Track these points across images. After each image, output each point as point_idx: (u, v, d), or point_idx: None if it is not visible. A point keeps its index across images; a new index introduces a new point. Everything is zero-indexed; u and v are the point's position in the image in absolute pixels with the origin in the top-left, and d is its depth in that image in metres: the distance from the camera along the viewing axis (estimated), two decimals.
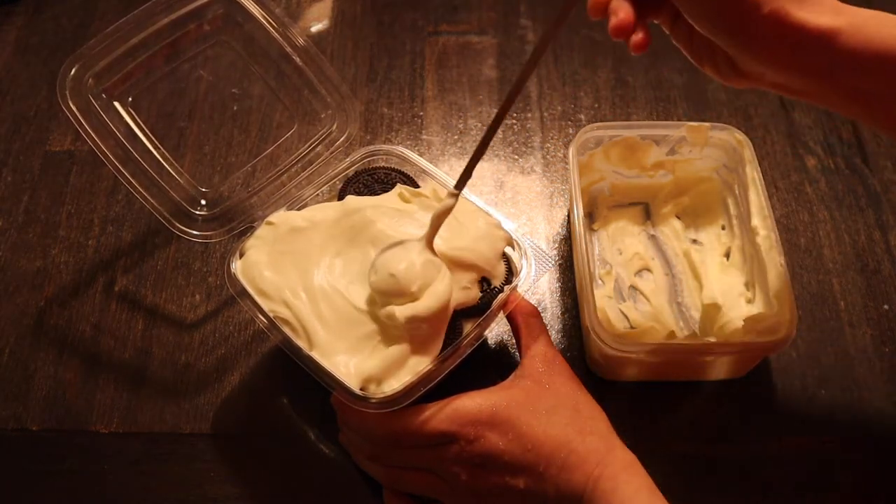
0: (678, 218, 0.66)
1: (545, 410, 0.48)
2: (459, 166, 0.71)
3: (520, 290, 0.53)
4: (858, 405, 0.58)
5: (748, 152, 0.60)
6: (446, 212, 0.50)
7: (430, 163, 0.59)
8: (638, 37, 0.45)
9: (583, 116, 0.74)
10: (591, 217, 0.67)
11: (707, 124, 0.61)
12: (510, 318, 0.54)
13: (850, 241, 0.66)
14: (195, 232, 0.56)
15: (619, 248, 0.65)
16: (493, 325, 0.52)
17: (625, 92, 0.76)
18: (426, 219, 0.54)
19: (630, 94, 0.76)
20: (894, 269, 0.65)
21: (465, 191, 0.56)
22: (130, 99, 0.57)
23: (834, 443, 0.57)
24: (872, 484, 0.56)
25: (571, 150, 0.60)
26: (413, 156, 0.59)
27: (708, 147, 0.63)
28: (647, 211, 0.67)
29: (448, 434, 0.48)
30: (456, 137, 0.73)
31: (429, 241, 0.50)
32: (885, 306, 0.63)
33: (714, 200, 0.66)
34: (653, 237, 0.66)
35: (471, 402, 0.48)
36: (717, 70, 0.47)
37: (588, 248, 0.57)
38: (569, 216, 0.67)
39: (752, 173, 0.59)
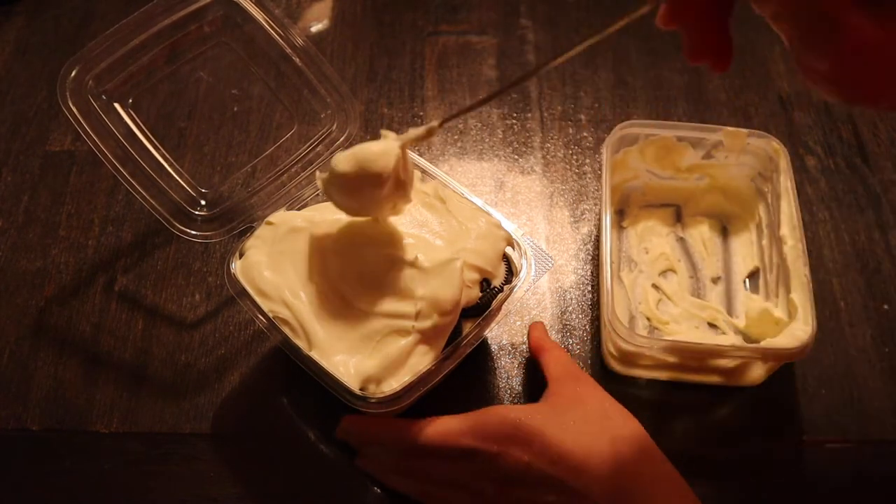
0: (709, 223, 0.67)
1: (573, 422, 0.47)
2: (460, 166, 0.71)
3: (520, 290, 0.53)
4: (858, 405, 0.58)
5: (784, 162, 0.60)
6: (423, 136, 0.47)
7: (430, 163, 0.59)
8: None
9: (583, 116, 0.74)
10: (621, 214, 0.67)
11: (745, 130, 0.61)
12: (535, 355, 0.55)
13: (850, 241, 0.66)
14: (195, 232, 0.56)
15: (645, 248, 0.65)
16: (493, 325, 0.53)
17: (625, 92, 0.76)
18: (424, 216, 0.54)
19: (630, 94, 0.76)
20: (894, 269, 0.65)
21: (465, 190, 0.57)
22: (131, 100, 0.57)
23: (834, 443, 0.57)
24: (872, 484, 0.56)
25: (606, 147, 0.60)
26: (413, 156, 0.58)
27: (744, 154, 0.63)
28: (678, 213, 0.67)
29: (469, 450, 0.47)
30: (456, 137, 0.73)
31: (404, 143, 0.47)
32: (885, 306, 0.63)
33: (746, 208, 0.66)
34: (681, 240, 0.66)
35: (494, 416, 0.48)
36: None
37: (613, 243, 0.57)
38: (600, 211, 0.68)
39: (787, 183, 0.59)
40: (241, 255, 0.54)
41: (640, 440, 0.47)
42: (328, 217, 0.54)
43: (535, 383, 0.59)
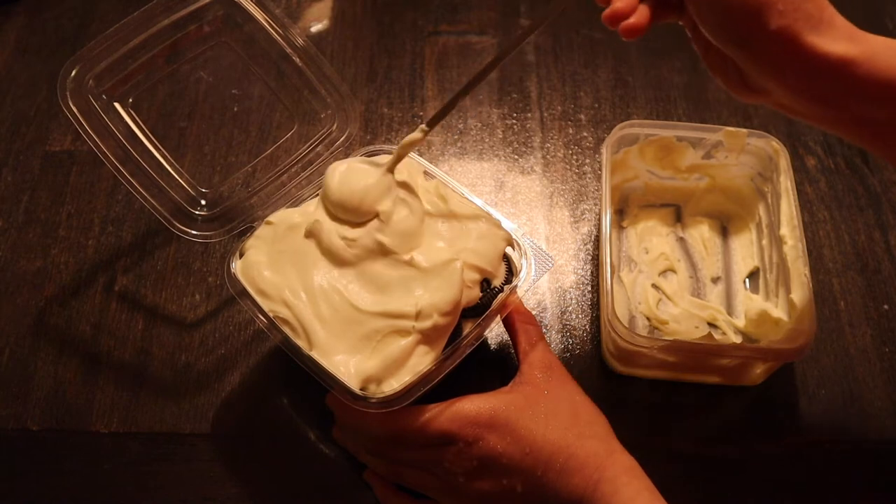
0: (708, 223, 0.67)
1: (544, 415, 0.48)
2: (460, 166, 0.71)
3: (520, 290, 0.53)
4: (858, 405, 0.58)
5: (784, 162, 0.60)
6: (412, 143, 0.51)
7: (430, 163, 0.59)
8: (629, 21, 0.44)
9: (583, 116, 0.74)
10: (621, 214, 0.67)
11: (745, 130, 0.61)
12: (507, 326, 0.54)
13: (850, 241, 0.66)
14: (195, 232, 0.56)
15: (645, 248, 0.65)
16: (492, 325, 0.52)
17: (625, 92, 0.76)
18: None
19: (630, 94, 0.76)
20: (894, 269, 0.65)
21: (465, 190, 0.57)
22: (131, 100, 0.57)
23: (834, 443, 0.57)
24: (872, 484, 0.56)
25: (605, 147, 0.61)
26: (413, 156, 0.58)
27: (744, 154, 0.63)
28: (678, 213, 0.67)
29: (447, 435, 0.48)
30: (456, 137, 0.73)
31: (390, 167, 0.52)
32: (885, 306, 0.63)
33: (746, 208, 0.66)
34: (681, 240, 0.66)
35: (470, 405, 0.48)
36: (727, 81, 0.46)
37: (613, 243, 0.57)
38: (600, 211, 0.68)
39: (787, 183, 0.59)
40: (241, 255, 0.54)
41: (605, 436, 0.48)
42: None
43: None
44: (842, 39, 0.40)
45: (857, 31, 0.41)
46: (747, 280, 0.64)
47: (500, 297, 0.52)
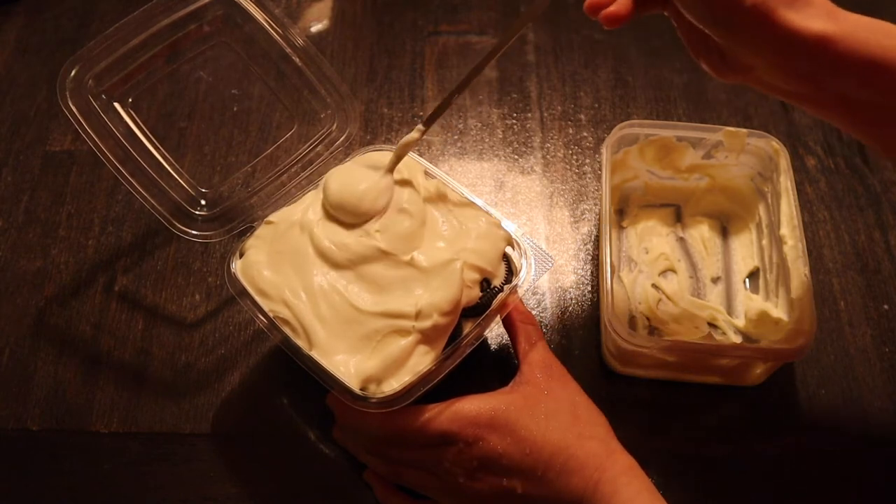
0: (708, 223, 0.67)
1: (544, 415, 0.48)
2: (460, 166, 0.71)
3: (520, 290, 0.53)
4: (858, 405, 0.58)
5: (784, 161, 0.60)
6: (410, 143, 0.52)
7: (430, 163, 0.59)
8: (610, 9, 0.44)
9: (583, 116, 0.74)
10: (621, 214, 0.67)
11: (745, 130, 0.61)
12: (507, 326, 0.54)
13: (850, 241, 0.66)
14: (195, 232, 0.56)
15: (645, 248, 0.65)
16: (492, 324, 0.52)
17: (625, 92, 0.76)
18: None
19: (630, 94, 0.76)
20: (894, 269, 0.65)
21: (465, 190, 0.57)
22: (130, 100, 0.57)
23: (834, 443, 0.57)
24: (873, 484, 0.56)
25: (605, 147, 0.61)
26: (413, 156, 0.58)
27: (744, 154, 0.63)
28: (678, 213, 0.67)
29: (448, 435, 0.48)
30: (456, 137, 0.73)
31: (390, 168, 0.53)
32: (885, 306, 0.63)
33: (746, 208, 0.66)
34: (681, 240, 0.66)
35: (471, 405, 0.48)
36: (710, 63, 0.46)
37: (613, 243, 0.57)
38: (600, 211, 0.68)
39: (787, 183, 0.59)
40: (241, 255, 0.54)
41: (605, 436, 0.49)
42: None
43: None
44: (819, 16, 0.40)
45: (836, 9, 0.41)
46: (747, 280, 0.64)
47: (500, 296, 0.52)
